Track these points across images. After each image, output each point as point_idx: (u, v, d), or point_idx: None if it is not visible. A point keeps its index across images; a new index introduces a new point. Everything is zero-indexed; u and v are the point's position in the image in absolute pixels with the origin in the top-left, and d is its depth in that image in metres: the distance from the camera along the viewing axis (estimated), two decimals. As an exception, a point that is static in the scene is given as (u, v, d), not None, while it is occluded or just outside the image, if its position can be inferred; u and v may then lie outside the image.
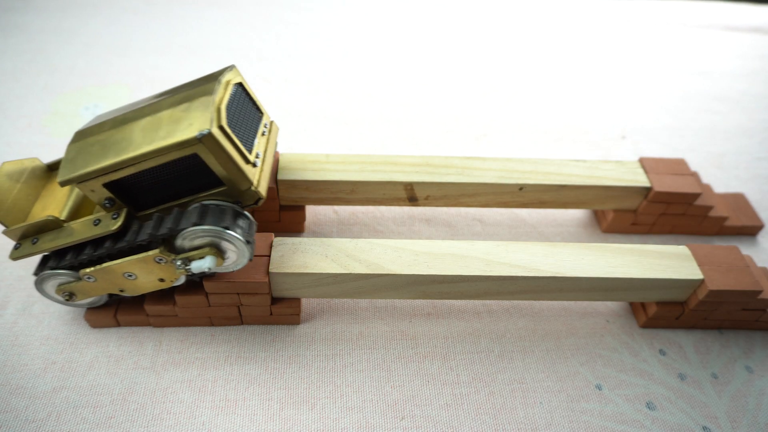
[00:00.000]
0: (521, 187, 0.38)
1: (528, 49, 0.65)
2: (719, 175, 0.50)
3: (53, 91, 0.53)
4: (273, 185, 0.38)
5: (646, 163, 0.41)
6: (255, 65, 0.59)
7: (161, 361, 0.33)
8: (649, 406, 0.33)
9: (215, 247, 0.29)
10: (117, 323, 0.35)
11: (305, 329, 0.35)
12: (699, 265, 0.34)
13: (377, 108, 0.54)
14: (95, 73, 0.56)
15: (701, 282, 0.34)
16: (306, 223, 0.42)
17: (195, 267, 0.28)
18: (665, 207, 0.40)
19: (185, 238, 0.28)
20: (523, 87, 0.59)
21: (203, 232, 0.28)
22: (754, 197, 0.47)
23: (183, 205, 0.29)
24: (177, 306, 0.33)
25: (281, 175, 0.38)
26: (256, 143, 0.30)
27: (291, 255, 0.33)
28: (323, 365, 0.34)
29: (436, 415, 0.32)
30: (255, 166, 0.29)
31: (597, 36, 0.69)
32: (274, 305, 0.34)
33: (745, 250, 0.43)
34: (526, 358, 0.35)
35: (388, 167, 0.38)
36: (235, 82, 0.29)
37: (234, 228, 0.28)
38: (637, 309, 0.37)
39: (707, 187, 0.44)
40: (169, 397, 0.32)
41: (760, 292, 0.33)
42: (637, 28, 0.71)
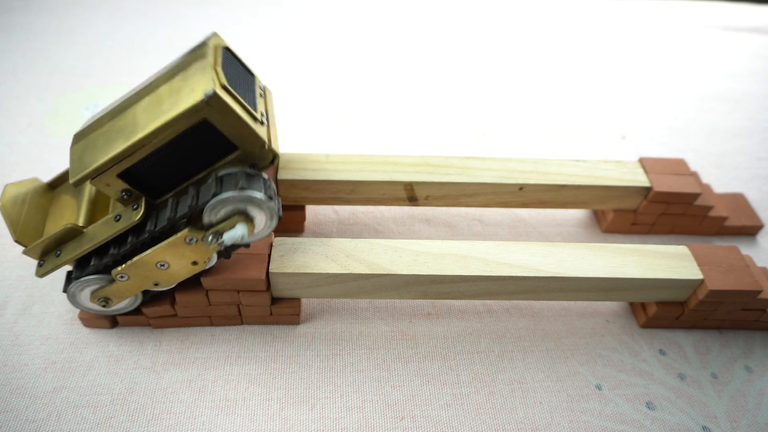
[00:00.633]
0: (521, 187, 0.38)
1: (528, 50, 0.65)
2: (719, 175, 0.50)
3: (53, 91, 0.53)
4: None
5: (646, 163, 0.41)
6: (255, 65, 0.59)
7: (161, 361, 0.33)
8: (649, 406, 0.33)
9: (243, 214, 0.28)
10: (116, 323, 0.35)
11: (305, 329, 0.35)
12: (699, 265, 0.34)
13: (377, 108, 0.54)
14: (95, 73, 0.56)
15: (701, 282, 0.34)
16: (306, 223, 0.42)
17: (227, 238, 0.27)
18: (665, 207, 0.40)
19: (210, 212, 0.27)
20: (523, 87, 0.59)
21: (225, 200, 0.27)
22: (753, 197, 0.47)
23: (199, 182, 0.29)
24: (177, 305, 0.33)
25: (281, 175, 0.38)
26: (258, 103, 0.30)
27: (291, 255, 0.33)
28: (323, 365, 0.34)
29: (436, 415, 0.32)
30: (263, 124, 0.29)
31: (597, 36, 0.69)
32: (274, 305, 0.34)
33: (745, 250, 0.43)
34: (526, 358, 0.35)
35: (388, 167, 0.38)
36: (222, 46, 0.29)
37: (254, 188, 0.27)
38: (637, 309, 0.37)
39: (707, 187, 0.44)
40: (169, 397, 0.32)
41: (759, 291, 0.33)
42: (637, 28, 0.71)
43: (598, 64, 0.64)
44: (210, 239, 0.28)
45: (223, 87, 0.26)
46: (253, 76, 0.31)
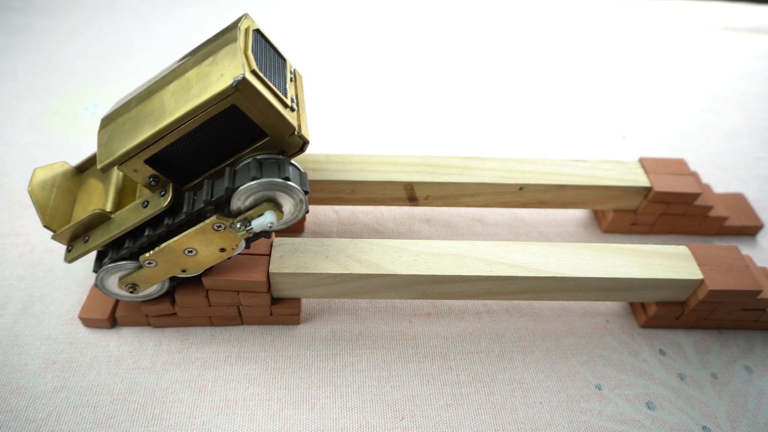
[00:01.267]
0: (521, 187, 0.38)
1: (528, 50, 0.65)
2: (719, 175, 0.50)
3: (53, 91, 0.53)
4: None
5: (646, 163, 0.41)
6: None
7: (161, 361, 0.33)
8: (649, 406, 0.33)
9: (271, 201, 0.28)
10: (116, 323, 0.35)
11: (305, 329, 0.35)
12: (699, 265, 0.34)
13: (377, 108, 0.54)
14: (95, 73, 0.56)
15: (701, 282, 0.34)
16: (306, 223, 0.42)
17: (257, 225, 0.27)
18: (665, 207, 0.40)
19: (241, 198, 0.27)
20: (523, 87, 0.59)
21: (261, 186, 0.27)
22: (753, 197, 0.47)
23: (230, 167, 0.28)
24: (177, 306, 0.33)
25: (281, 175, 0.38)
26: (288, 88, 0.29)
27: (291, 255, 0.33)
28: (323, 365, 0.34)
29: (436, 415, 0.32)
30: (293, 110, 0.28)
31: (597, 36, 0.69)
32: (274, 305, 0.34)
33: (745, 250, 0.43)
34: (526, 358, 0.35)
35: (388, 167, 0.38)
36: (254, 28, 0.29)
37: (292, 178, 0.27)
38: (637, 309, 0.37)
39: (707, 187, 0.44)
40: (169, 397, 0.32)
41: (759, 292, 0.33)
42: (638, 28, 0.71)
43: (598, 64, 0.64)
44: (239, 226, 0.28)
45: (253, 72, 0.26)
46: (285, 59, 0.31)
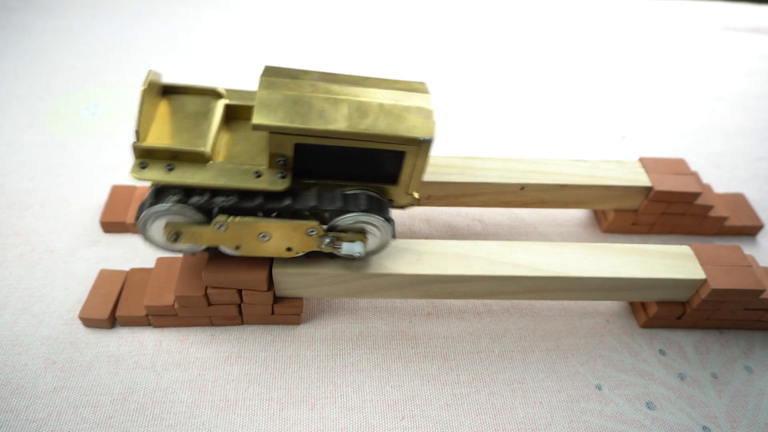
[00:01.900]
0: (522, 187, 0.38)
1: (528, 49, 0.65)
2: (719, 175, 0.50)
3: (54, 91, 0.53)
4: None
5: (646, 163, 0.41)
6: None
7: (161, 361, 0.33)
8: (649, 406, 0.33)
9: (363, 233, 0.30)
10: (116, 323, 0.35)
11: (305, 329, 0.35)
12: (701, 265, 0.34)
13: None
14: (96, 73, 0.56)
15: (704, 281, 0.34)
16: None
17: (346, 249, 0.29)
18: (666, 207, 0.40)
19: (345, 220, 0.29)
20: (523, 87, 0.59)
21: (370, 219, 0.29)
22: (754, 197, 0.47)
23: (339, 187, 0.30)
24: (177, 305, 0.33)
25: (281, 175, 0.38)
26: None
27: (291, 255, 0.33)
28: (323, 365, 0.34)
29: (436, 415, 0.32)
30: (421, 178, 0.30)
31: (597, 36, 0.69)
32: (275, 304, 0.34)
33: (745, 250, 0.43)
34: (526, 358, 0.35)
35: (388, 167, 0.39)
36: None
37: (392, 223, 0.30)
38: (637, 309, 0.37)
39: (707, 187, 0.44)
40: (169, 397, 0.32)
41: (762, 291, 0.33)
42: (638, 28, 0.71)
43: (598, 64, 0.64)
44: (327, 241, 0.29)
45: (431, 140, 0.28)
46: None
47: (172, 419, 0.31)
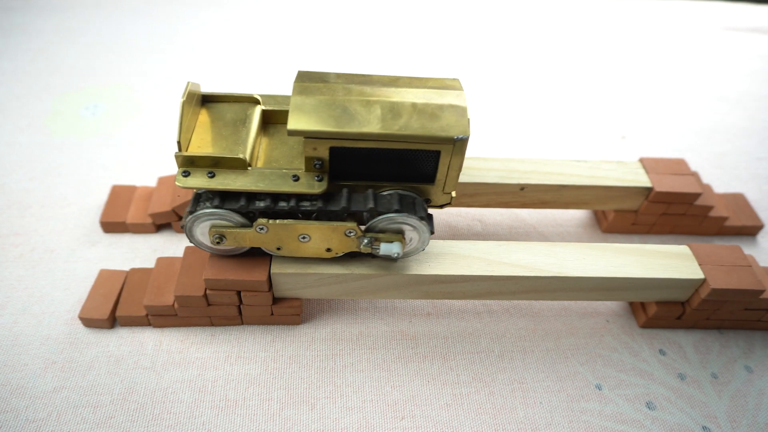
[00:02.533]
0: (522, 187, 0.38)
1: (528, 49, 0.65)
2: (719, 175, 0.50)
3: (53, 91, 0.53)
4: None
5: (646, 163, 0.41)
6: (254, 65, 0.59)
7: (161, 361, 0.33)
8: (649, 406, 0.33)
9: (401, 233, 0.30)
10: (116, 323, 0.35)
11: (305, 329, 0.35)
12: (701, 265, 0.34)
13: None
14: (95, 73, 0.56)
15: (703, 281, 0.34)
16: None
17: (384, 249, 0.29)
18: (666, 207, 0.40)
19: (383, 221, 0.29)
20: (524, 87, 0.59)
21: (406, 219, 0.29)
22: (754, 197, 0.47)
23: (376, 188, 0.30)
24: (177, 305, 0.33)
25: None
26: None
27: (291, 255, 0.33)
28: (323, 365, 0.34)
29: (436, 415, 0.32)
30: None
31: (597, 36, 0.69)
32: (275, 305, 0.34)
33: (746, 250, 0.43)
34: (526, 358, 0.35)
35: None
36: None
37: (431, 225, 0.30)
38: (637, 309, 0.37)
39: (707, 187, 0.44)
40: (169, 397, 0.32)
41: (762, 291, 0.33)
42: (637, 28, 0.71)
43: (598, 64, 0.64)
44: (365, 242, 0.29)
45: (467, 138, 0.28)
46: None
47: (172, 419, 0.31)
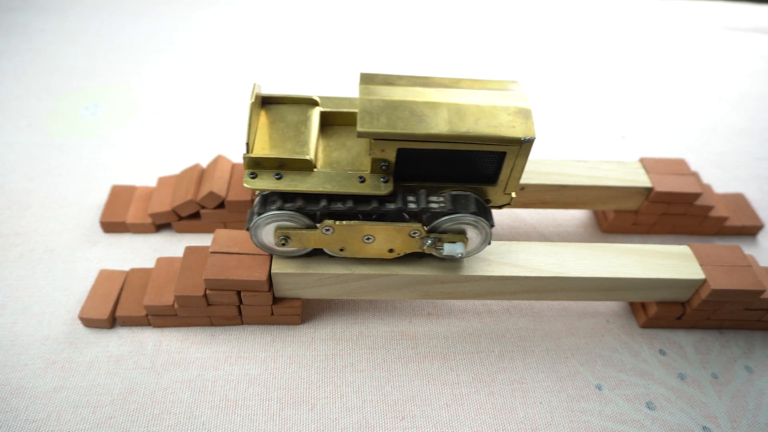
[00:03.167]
0: (522, 187, 0.38)
1: (528, 49, 0.65)
2: (719, 175, 0.50)
3: (53, 91, 0.53)
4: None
5: (646, 163, 0.41)
6: (254, 65, 0.59)
7: (161, 361, 0.33)
8: (649, 406, 0.33)
9: (464, 234, 0.30)
10: (116, 323, 0.35)
11: (305, 329, 0.35)
12: (701, 265, 0.34)
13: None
14: (95, 73, 0.56)
15: (703, 282, 0.34)
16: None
17: (448, 250, 0.30)
18: (666, 207, 0.40)
19: (447, 221, 0.29)
20: (523, 87, 0.59)
21: (470, 219, 0.29)
22: (754, 197, 0.47)
23: (439, 189, 0.30)
24: (177, 305, 0.33)
25: (281, 175, 0.38)
26: None
27: (291, 255, 0.33)
28: (323, 365, 0.34)
29: (436, 415, 0.32)
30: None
31: (597, 36, 0.69)
32: (275, 305, 0.34)
33: (746, 250, 0.43)
34: (526, 358, 0.35)
35: (388, 167, 0.38)
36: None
37: (489, 220, 0.30)
38: (637, 309, 0.37)
39: (707, 187, 0.44)
40: (169, 397, 0.32)
41: (762, 291, 0.33)
42: (638, 28, 0.71)
43: (598, 64, 0.64)
44: (429, 242, 0.30)
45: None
46: None
47: (172, 419, 0.31)
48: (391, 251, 0.31)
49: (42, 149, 0.46)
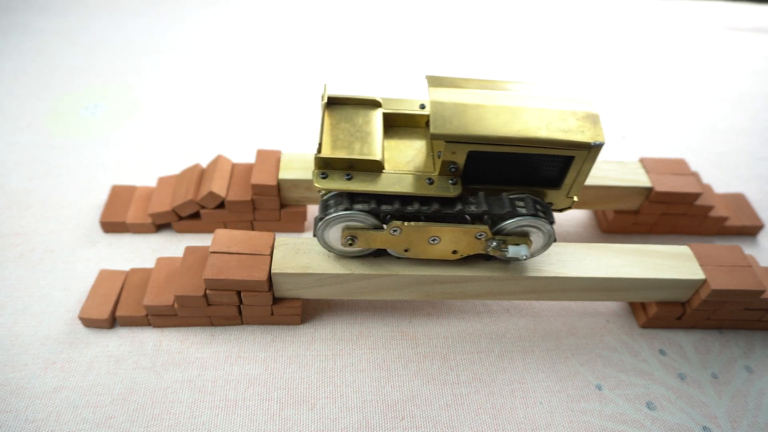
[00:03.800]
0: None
1: (527, 49, 0.65)
2: (719, 175, 0.50)
3: (53, 91, 0.53)
4: (274, 184, 0.38)
5: (646, 163, 0.41)
6: (254, 65, 0.59)
7: (161, 361, 0.33)
8: (649, 406, 0.33)
9: (527, 236, 0.30)
10: (116, 323, 0.35)
11: (305, 329, 0.35)
12: (701, 265, 0.34)
13: (377, 108, 0.54)
14: (95, 73, 0.56)
15: (703, 282, 0.34)
16: (306, 223, 0.42)
17: (513, 252, 0.30)
18: (666, 207, 0.40)
19: (513, 223, 0.29)
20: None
21: (535, 222, 0.29)
22: (754, 197, 0.47)
23: (503, 191, 0.30)
24: (177, 305, 0.33)
25: (282, 175, 0.38)
26: None
27: (293, 255, 0.32)
28: (323, 365, 0.34)
29: (436, 415, 0.32)
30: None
31: (596, 36, 0.69)
32: (275, 305, 0.34)
33: (746, 250, 0.43)
34: (526, 358, 0.35)
35: (388, 167, 0.38)
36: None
37: (551, 223, 0.30)
38: (637, 309, 0.37)
39: (708, 187, 0.44)
40: (169, 397, 0.32)
41: (762, 291, 0.33)
42: (638, 28, 0.71)
43: (598, 64, 0.64)
44: (494, 244, 0.30)
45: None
46: None
47: (172, 419, 0.31)
48: (455, 252, 0.31)
49: (42, 149, 0.46)
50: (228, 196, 0.38)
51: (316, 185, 0.28)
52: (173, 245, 0.40)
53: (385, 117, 0.32)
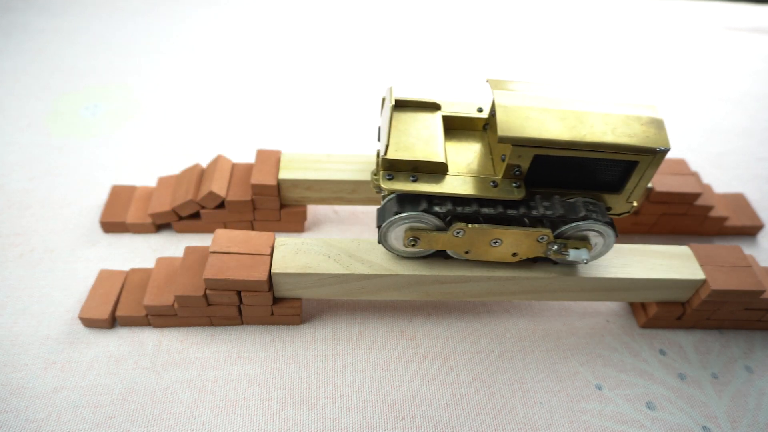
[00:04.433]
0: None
1: (527, 48, 0.65)
2: (719, 176, 0.50)
3: (53, 91, 0.53)
4: (274, 184, 0.38)
5: (646, 163, 0.41)
6: (255, 65, 0.59)
7: (161, 361, 0.33)
8: (649, 406, 0.33)
9: (587, 240, 0.30)
10: (116, 323, 0.35)
11: (305, 329, 0.35)
12: (701, 265, 0.34)
13: (378, 107, 0.54)
14: (95, 73, 0.56)
15: (703, 282, 0.34)
16: (306, 223, 0.42)
17: (573, 255, 0.30)
18: (666, 207, 0.40)
19: (574, 227, 0.29)
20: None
21: (596, 226, 0.29)
22: (754, 197, 0.47)
23: (564, 195, 0.30)
24: (177, 305, 0.33)
25: (282, 175, 0.38)
26: None
27: (293, 255, 0.32)
28: (323, 365, 0.34)
29: (436, 415, 0.32)
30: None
31: (596, 36, 0.69)
32: (275, 305, 0.34)
33: (746, 250, 0.43)
34: (526, 358, 0.35)
35: (388, 167, 0.38)
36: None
37: (612, 227, 0.30)
38: (637, 309, 0.37)
39: (707, 187, 0.44)
40: (169, 397, 0.32)
41: (762, 291, 0.33)
42: (638, 28, 0.71)
43: (598, 63, 0.64)
44: (555, 248, 0.30)
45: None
46: None
47: (172, 419, 0.31)
48: (515, 255, 0.31)
49: (42, 149, 0.46)
50: (228, 196, 0.38)
51: (382, 186, 0.29)
52: (173, 245, 0.40)
53: (444, 119, 0.32)
